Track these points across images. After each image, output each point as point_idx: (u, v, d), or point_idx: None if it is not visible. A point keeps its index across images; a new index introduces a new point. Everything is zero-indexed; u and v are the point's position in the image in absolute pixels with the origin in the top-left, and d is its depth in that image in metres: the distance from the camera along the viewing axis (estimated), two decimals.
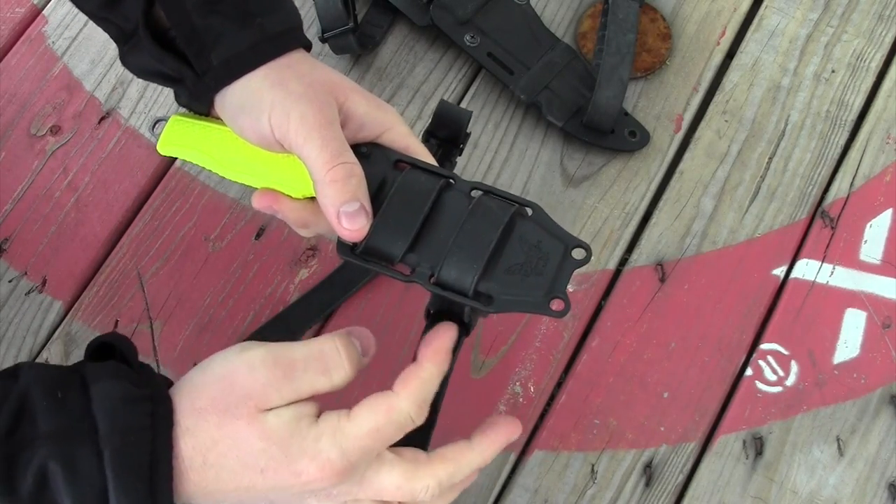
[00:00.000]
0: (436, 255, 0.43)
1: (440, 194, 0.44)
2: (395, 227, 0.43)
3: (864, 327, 0.64)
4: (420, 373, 0.42)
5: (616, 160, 0.68)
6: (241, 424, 0.40)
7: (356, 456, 0.41)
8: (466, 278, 0.42)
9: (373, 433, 0.41)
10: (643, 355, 0.63)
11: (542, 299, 0.42)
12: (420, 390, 0.42)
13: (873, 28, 0.72)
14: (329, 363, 0.42)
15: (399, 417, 0.41)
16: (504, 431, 0.45)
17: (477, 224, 0.43)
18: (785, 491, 0.60)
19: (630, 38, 0.66)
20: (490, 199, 0.44)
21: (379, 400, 0.41)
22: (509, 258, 0.43)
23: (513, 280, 0.43)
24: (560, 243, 0.43)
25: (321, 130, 0.44)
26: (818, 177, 0.68)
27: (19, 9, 0.72)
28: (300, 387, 0.41)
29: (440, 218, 0.44)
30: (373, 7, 0.71)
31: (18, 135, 0.68)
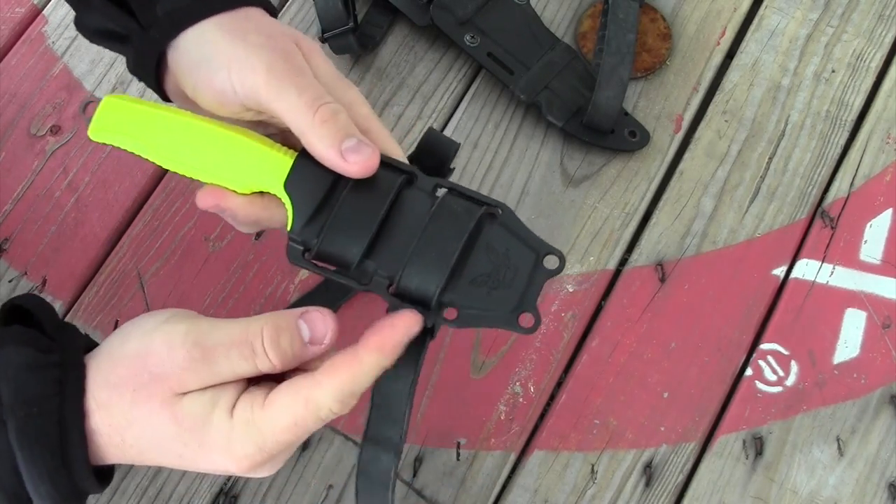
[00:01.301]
0: (395, 261, 0.40)
1: (400, 192, 0.41)
2: (351, 229, 0.40)
3: (864, 327, 0.64)
4: (354, 364, 0.38)
5: (616, 160, 0.68)
6: (154, 406, 0.38)
7: (275, 450, 0.38)
8: (428, 289, 0.39)
9: (290, 428, 0.38)
10: (643, 355, 0.63)
11: (509, 315, 0.39)
12: (348, 384, 0.38)
13: (873, 28, 0.72)
14: (255, 349, 0.38)
15: (318, 413, 0.38)
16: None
17: (440, 229, 0.40)
18: (785, 491, 0.60)
19: (630, 38, 0.66)
20: (455, 200, 0.41)
21: (297, 389, 0.38)
22: (474, 268, 0.40)
23: (478, 293, 0.39)
24: (531, 252, 0.40)
25: (294, 78, 0.40)
26: (818, 177, 0.68)
27: (19, 9, 0.72)
28: (220, 371, 0.38)
29: (400, 219, 0.40)
30: (373, 7, 0.71)
31: (18, 135, 0.68)
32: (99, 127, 0.43)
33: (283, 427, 0.37)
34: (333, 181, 0.41)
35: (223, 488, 0.60)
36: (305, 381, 0.38)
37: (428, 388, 0.62)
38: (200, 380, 0.38)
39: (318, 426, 0.38)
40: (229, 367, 0.38)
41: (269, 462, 0.39)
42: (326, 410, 0.38)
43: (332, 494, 0.60)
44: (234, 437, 0.38)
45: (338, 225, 0.40)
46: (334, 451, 0.61)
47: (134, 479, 0.60)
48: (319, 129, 0.40)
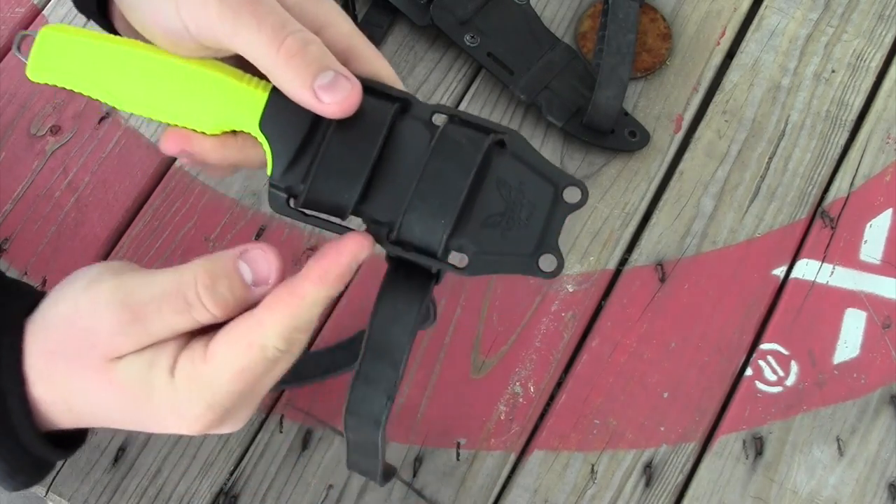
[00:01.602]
0: (394, 205, 0.35)
1: (393, 124, 0.36)
2: (341, 170, 0.35)
3: (864, 327, 0.64)
4: (295, 298, 0.34)
5: (616, 160, 0.68)
6: (89, 375, 0.35)
7: (226, 403, 0.35)
8: (434, 236, 0.34)
9: (237, 377, 0.34)
10: (643, 355, 0.63)
11: (528, 258, 0.35)
12: (291, 319, 0.34)
13: (873, 28, 0.72)
14: (189, 300, 0.34)
15: (264, 353, 0.34)
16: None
17: (443, 165, 0.35)
18: (785, 491, 0.60)
19: (630, 38, 0.66)
20: (457, 130, 0.35)
21: (237, 334, 0.34)
22: (485, 207, 0.35)
23: (491, 235, 0.35)
24: (548, 184, 0.35)
25: (251, 7, 0.34)
26: (818, 177, 0.68)
27: (19, 9, 0.72)
28: (154, 330, 0.34)
29: (397, 155, 0.35)
30: (373, 7, 0.71)
31: (18, 135, 0.68)
32: (38, 65, 0.37)
33: (229, 377, 0.34)
34: (314, 121, 0.36)
35: (223, 488, 0.60)
36: (244, 322, 0.34)
37: (428, 388, 0.62)
38: (133, 342, 0.34)
39: (269, 368, 0.35)
40: (164, 325, 0.34)
41: (229, 417, 0.36)
42: (272, 350, 0.34)
43: (332, 494, 0.60)
44: (180, 398, 0.34)
45: (326, 166, 0.35)
46: (334, 451, 0.61)
47: (134, 479, 0.60)
48: (286, 67, 0.34)
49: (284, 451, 0.61)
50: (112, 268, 0.37)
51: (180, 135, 0.37)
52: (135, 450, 0.60)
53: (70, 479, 0.60)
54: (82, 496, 0.59)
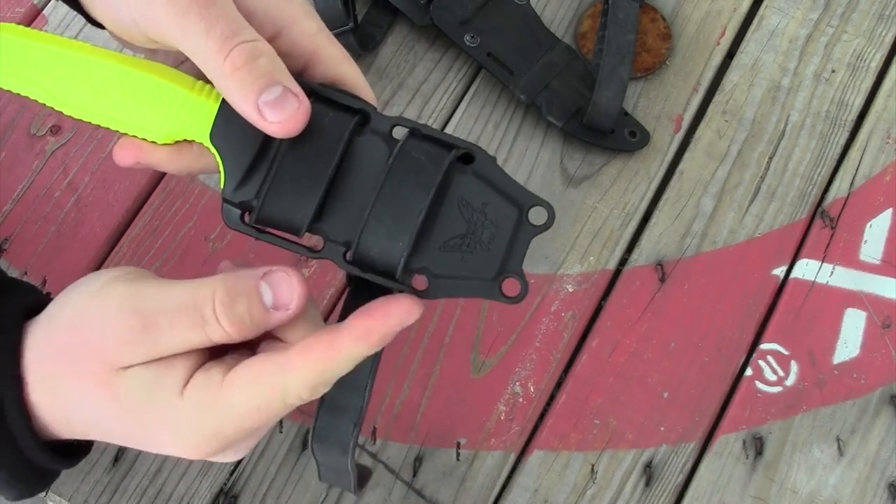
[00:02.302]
0: (352, 224, 0.34)
1: (352, 138, 0.34)
2: (296, 186, 0.33)
3: (864, 327, 0.64)
4: (332, 351, 0.32)
5: (616, 160, 0.68)
6: (90, 384, 0.33)
7: (232, 436, 0.33)
8: (392, 258, 0.33)
9: (252, 415, 0.33)
10: (643, 355, 0.63)
11: (489, 282, 0.33)
12: (322, 373, 0.33)
13: (873, 28, 0.72)
14: (205, 316, 0.33)
15: (286, 400, 0.33)
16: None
17: (401, 183, 0.33)
18: (785, 491, 0.60)
19: (630, 38, 0.66)
20: (418, 145, 0.34)
21: (262, 372, 0.33)
22: (446, 229, 0.34)
23: (451, 258, 0.34)
24: (512, 205, 0.34)
25: (201, 10, 0.32)
26: (818, 177, 0.68)
27: (19, 9, 0.72)
28: (164, 343, 0.33)
29: (355, 171, 0.34)
30: (373, 7, 0.71)
31: (18, 135, 0.68)
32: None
33: (243, 413, 0.33)
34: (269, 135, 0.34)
35: (223, 488, 0.60)
36: (273, 363, 0.33)
37: (428, 387, 0.62)
38: (141, 353, 0.33)
39: (285, 412, 0.34)
40: (175, 338, 0.33)
41: (230, 448, 0.35)
42: (295, 398, 0.33)
43: (332, 494, 0.60)
44: (183, 421, 0.33)
45: (279, 183, 0.33)
46: None
47: (134, 479, 0.60)
48: (231, 80, 0.32)
49: (284, 451, 0.61)
50: (127, 274, 0.35)
51: (133, 145, 0.36)
52: (135, 450, 0.60)
53: (70, 479, 0.60)
54: (82, 496, 0.59)
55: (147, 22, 0.33)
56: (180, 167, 0.37)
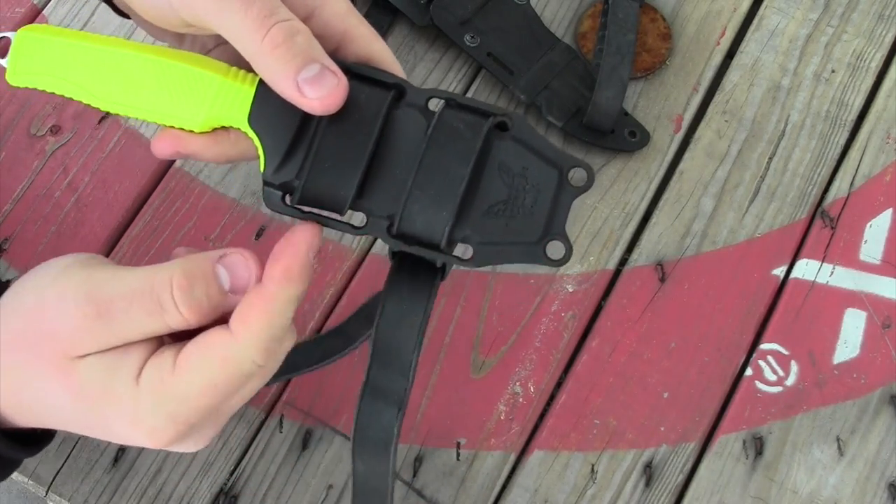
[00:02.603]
0: (394, 197, 0.34)
1: (389, 113, 0.34)
2: (337, 164, 0.34)
3: (864, 327, 0.64)
4: (267, 304, 0.32)
5: (616, 160, 0.68)
6: (48, 373, 0.33)
7: (192, 419, 0.33)
8: (436, 228, 0.33)
9: (209, 391, 0.32)
10: (643, 355, 0.63)
11: (534, 245, 0.33)
12: (267, 329, 0.32)
13: (873, 28, 0.72)
14: (162, 302, 0.32)
15: (241, 368, 0.32)
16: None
17: (442, 153, 0.33)
18: (785, 491, 0.60)
19: (630, 38, 0.66)
20: (455, 115, 0.34)
21: (210, 347, 0.32)
22: (488, 196, 0.34)
23: (495, 224, 0.34)
24: (552, 167, 0.34)
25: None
26: (818, 177, 0.68)
27: (19, 9, 0.72)
28: (121, 329, 0.33)
29: (394, 145, 0.34)
30: (373, 7, 0.71)
31: (18, 135, 0.68)
32: (18, 69, 0.35)
33: (199, 391, 0.32)
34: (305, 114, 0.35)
35: (223, 488, 0.60)
36: (217, 335, 0.33)
37: (428, 388, 0.62)
38: (98, 341, 0.32)
39: (242, 383, 0.33)
40: (132, 325, 0.32)
41: (193, 434, 0.34)
42: (249, 363, 0.33)
43: (332, 494, 0.60)
44: (142, 408, 0.32)
45: (320, 161, 0.34)
46: (334, 451, 0.61)
47: (134, 479, 0.60)
48: (270, 57, 0.32)
49: (284, 451, 0.61)
50: (82, 260, 0.35)
51: (171, 135, 0.36)
52: (135, 450, 0.60)
53: (70, 479, 0.60)
54: (82, 496, 0.59)
55: (184, 3, 0.33)
56: (217, 154, 0.36)
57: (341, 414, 0.62)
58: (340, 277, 0.65)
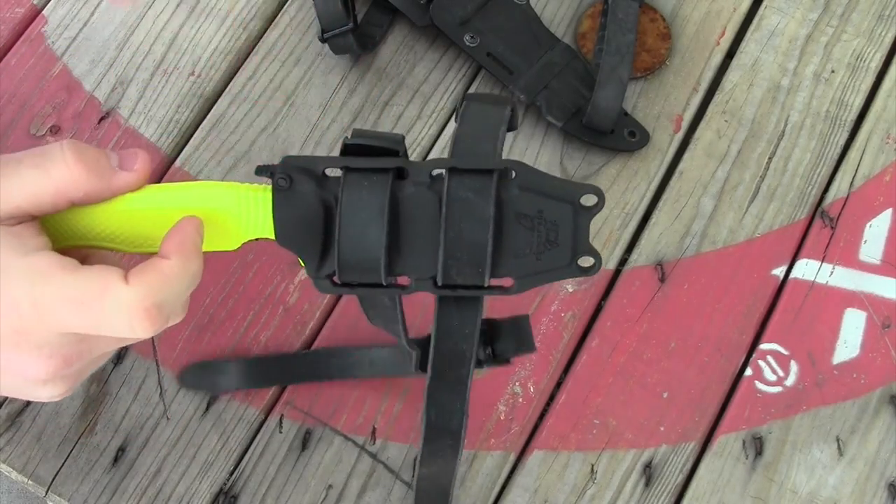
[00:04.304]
0: (428, 263, 0.37)
1: (395, 195, 0.36)
2: (361, 252, 0.36)
3: (863, 327, 0.64)
4: (160, 265, 0.34)
5: (615, 160, 0.68)
6: None
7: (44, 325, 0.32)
8: (475, 279, 0.36)
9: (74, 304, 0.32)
10: (643, 355, 0.63)
11: (567, 268, 0.37)
12: (156, 287, 0.33)
13: (873, 28, 0.72)
14: (50, 154, 0.33)
15: (116, 307, 0.32)
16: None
17: (460, 226, 0.36)
18: (784, 491, 0.60)
19: (630, 38, 0.66)
20: (460, 182, 0.36)
21: (102, 274, 0.33)
22: (514, 243, 0.37)
23: (527, 262, 0.37)
24: (564, 203, 0.36)
25: None
26: (818, 177, 0.68)
27: (19, 9, 0.72)
28: (6, 180, 0.33)
29: (412, 220, 0.37)
30: (372, 7, 0.71)
31: (18, 135, 0.68)
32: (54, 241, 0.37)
33: (67, 296, 0.32)
34: (323, 206, 0.37)
35: (223, 488, 0.60)
36: (111, 273, 0.33)
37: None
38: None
39: (111, 330, 0.33)
40: (18, 177, 0.33)
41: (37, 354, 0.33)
42: (126, 311, 0.32)
43: (332, 494, 0.60)
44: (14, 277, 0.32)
45: (346, 253, 0.36)
46: (334, 451, 0.61)
47: (134, 479, 0.60)
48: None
49: (284, 451, 0.61)
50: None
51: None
52: (134, 450, 0.60)
53: (70, 479, 0.60)
54: (82, 496, 0.59)
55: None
56: None
57: (341, 414, 0.62)
58: None
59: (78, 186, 0.34)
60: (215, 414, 0.61)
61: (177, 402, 0.61)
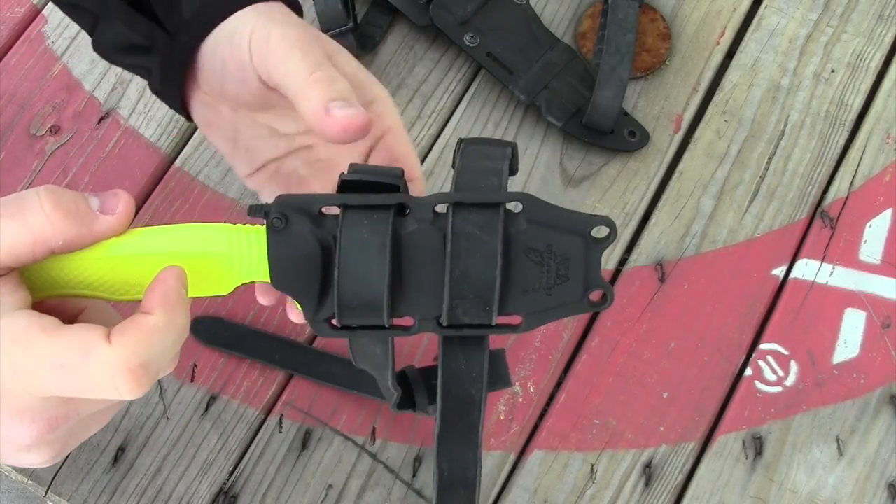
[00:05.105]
0: (433, 303, 0.35)
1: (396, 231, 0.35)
2: (363, 282, 0.34)
3: (863, 327, 0.64)
4: (144, 321, 0.32)
5: (615, 160, 0.68)
6: None
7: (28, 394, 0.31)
8: (482, 318, 0.35)
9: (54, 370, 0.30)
10: (643, 355, 0.63)
11: (578, 304, 0.35)
12: (142, 345, 0.31)
13: (873, 28, 0.72)
14: (25, 199, 0.32)
15: (100, 369, 0.31)
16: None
17: (467, 263, 0.34)
18: (784, 491, 0.60)
19: (629, 38, 0.66)
20: (465, 218, 0.34)
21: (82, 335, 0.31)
22: (523, 279, 0.35)
23: (537, 297, 0.35)
24: (575, 235, 0.35)
25: (303, 45, 0.37)
26: (818, 177, 0.68)
27: (19, 9, 0.72)
28: None
29: (416, 257, 0.35)
30: (372, 7, 0.71)
31: (18, 135, 0.68)
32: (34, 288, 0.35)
33: (47, 360, 0.30)
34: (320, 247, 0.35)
35: (223, 488, 0.60)
36: (93, 332, 0.31)
37: None
38: None
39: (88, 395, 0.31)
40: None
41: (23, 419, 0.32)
42: (109, 373, 0.31)
43: (332, 494, 0.60)
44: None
45: (349, 284, 0.34)
46: (334, 451, 0.61)
47: (134, 479, 0.60)
48: (310, 87, 0.36)
49: (284, 451, 0.61)
50: None
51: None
52: (134, 450, 0.60)
53: (70, 479, 0.60)
54: (82, 496, 0.59)
55: (259, 54, 0.38)
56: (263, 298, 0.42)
57: (341, 414, 0.62)
58: None
59: (57, 234, 0.32)
60: (215, 414, 0.61)
61: (177, 401, 0.62)
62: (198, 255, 0.36)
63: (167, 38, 0.40)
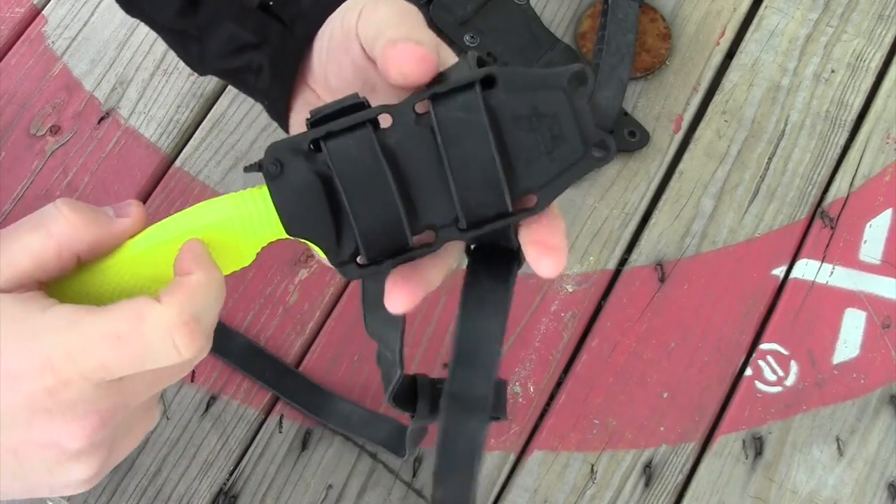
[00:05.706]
0: (445, 205, 0.35)
1: (385, 144, 0.35)
2: (376, 216, 0.35)
3: (863, 327, 0.64)
4: (187, 281, 0.33)
5: (616, 160, 0.68)
6: None
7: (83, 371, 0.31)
8: (497, 205, 0.34)
9: (110, 340, 0.31)
10: (643, 355, 0.63)
11: (583, 160, 0.34)
12: (189, 300, 0.32)
13: (873, 28, 0.72)
14: (45, 212, 0.33)
15: (156, 331, 0.31)
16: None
17: (461, 150, 0.34)
18: (784, 491, 0.60)
19: (629, 38, 0.66)
20: (446, 105, 0.34)
21: (133, 303, 0.32)
22: (521, 149, 0.35)
23: (541, 165, 0.35)
24: (555, 90, 0.34)
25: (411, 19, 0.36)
26: (818, 177, 0.68)
27: (19, 9, 0.72)
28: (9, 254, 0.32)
29: (415, 164, 0.35)
30: None
31: (18, 135, 0.68)
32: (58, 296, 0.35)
33: (103, 334, 0.31)
34: (321, 180, 0.35)
35: (223, 488, 0.60)
36: (141, 299, 0.32)
37: None
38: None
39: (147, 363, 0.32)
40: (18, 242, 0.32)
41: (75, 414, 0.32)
42: (165, 331, 0.31)
43: (332, 494, 0.60)
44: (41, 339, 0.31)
45: (362, 223, 0.35)
46: (334, 451, 0.61)
47: (134, 478, 0.60)
48: (396, 29, 0.36)
49: (284, 451, 0.61)
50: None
51: None
52: (134, 450, 0.60)
53: None
54: (82, 496, 0.59)
55: (366, 23, 0.37)
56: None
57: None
58: (340, 279, 0.65)
59: (80, 238, 0.33)
60: (215, 414, 0.61)
61: (177, 401, 0.61)
62: (211, 226, 0.36)
63: (281, 29, 0.40)
